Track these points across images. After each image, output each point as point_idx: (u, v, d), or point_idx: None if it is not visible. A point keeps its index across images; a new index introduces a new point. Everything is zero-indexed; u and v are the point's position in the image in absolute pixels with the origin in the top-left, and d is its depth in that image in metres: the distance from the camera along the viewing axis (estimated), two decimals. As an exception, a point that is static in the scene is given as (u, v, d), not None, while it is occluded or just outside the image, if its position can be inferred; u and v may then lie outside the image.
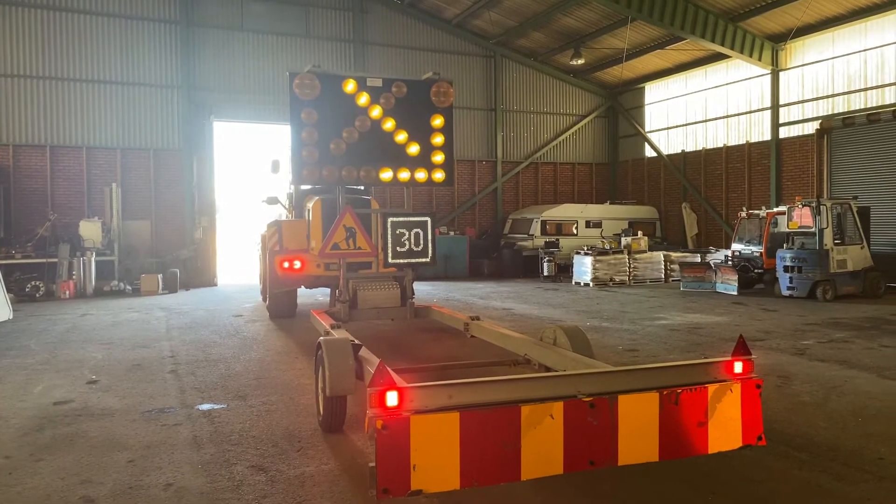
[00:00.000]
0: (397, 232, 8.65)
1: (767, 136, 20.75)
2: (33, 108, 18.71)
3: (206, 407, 6.35)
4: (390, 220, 8.64)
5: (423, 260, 8.73)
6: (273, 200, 14.76)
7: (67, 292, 16.85)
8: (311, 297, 15.70)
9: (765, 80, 20.74)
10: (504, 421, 3.53)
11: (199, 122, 20.17)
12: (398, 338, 10.17)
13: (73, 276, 17.20)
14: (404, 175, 8.80)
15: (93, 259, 17.46)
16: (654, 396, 3.82)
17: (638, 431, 3.78)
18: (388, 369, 3.54)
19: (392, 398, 3.41)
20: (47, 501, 4.21)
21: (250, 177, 23.72)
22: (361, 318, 8.99)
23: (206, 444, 5.24)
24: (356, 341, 5.76)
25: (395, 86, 8.76)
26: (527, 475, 3.57)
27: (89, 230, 17.92)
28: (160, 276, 17.92)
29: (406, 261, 8.66)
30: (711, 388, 3.95)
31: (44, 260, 17.36)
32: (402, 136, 8.78)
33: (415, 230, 8.77)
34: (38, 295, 16.66)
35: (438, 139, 8.96)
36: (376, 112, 8.64)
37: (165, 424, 5.80)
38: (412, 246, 8.73)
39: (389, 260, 8.54)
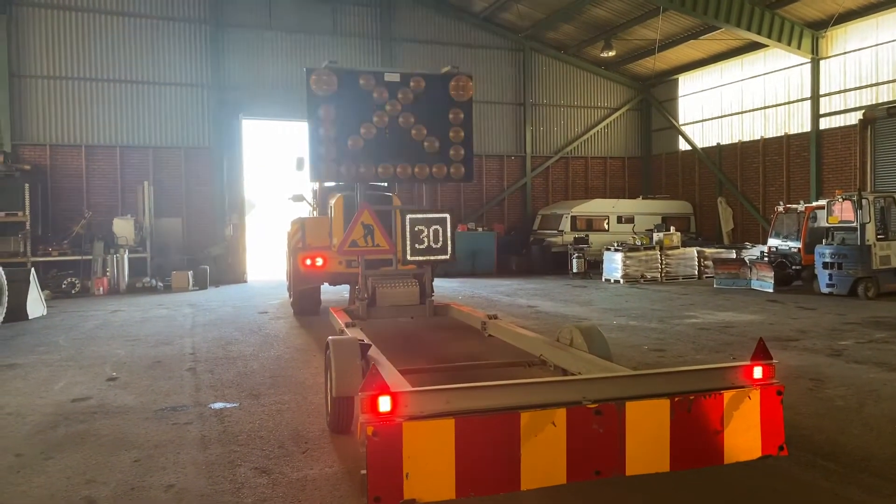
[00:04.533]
0: (416, 229, 8.51)
1: (807, 128, 20.01)
2: (69, 109, 19.14)
3: (218, 406, 6.33)
4: (408, 216, 8.51)
5: (443, 257, 8.59)
6: (299, 198, 14.77)
7: (101, 289, 17.21)
8: (338, 293, 15.70)
9: (804, 69, 19.99)
10: (502, 428, 3.37)
11: (228, 120, 20.39)
12: (416, 336, 10.06)
13: (107, 273, 17.56)
14: (423, 171, 8.69)
15: (125, 256, 17.80)
16: (664, 403, 3.61)
17: (647, 440, 3.58)
18: (381, 373, 3.41)
19: (384, 403, 3.27)
20: (50, 501, 4.20)
21: (279, 174, 23.90)
22: (380, 315, 8.88)
23: (214, 444, 5.20)
24: (365, 341, 5.66)
25: (414, 80, 8.63)
26: (527, 485, 3.40)
27: (122, 228, 18.27)
28: (190, 272, 18.16)
29: (425, 258, 8.52)
30: (727, 394, 3.72)
31: (79, 257, 17.79)
32: (420, 132, 8.65)
33: (434, 227, 8.62)
34: (73, 291, 17.06)
35: (458, 134, 8.82)
36: (394, 107, 8.53)
37: (176, 423, 5.79)
38: (431, 243, 8.59)
39: (408, 257, 8.42)
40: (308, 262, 11.35)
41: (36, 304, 12.90)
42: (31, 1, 18.70)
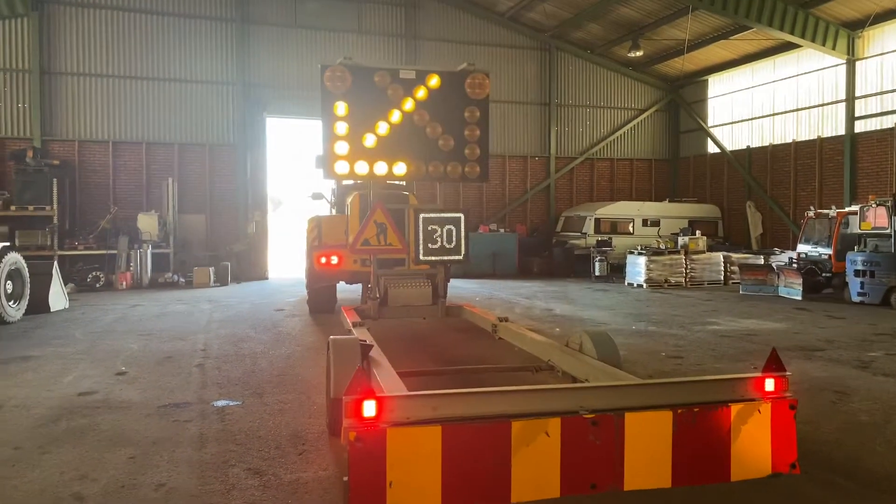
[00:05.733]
0: (429, 228, 8.41)
1: (841, 131, 19.40)
2: (97, 106, 19.43)
3: (221, 403, 6.27)
4: (422, 216, 8.41)
5: (456, 257, 8.47)
6: (318, 196, 14.73)
7: (125, 283, 17.42)
8: (356, 292, 15.63)
9: (839, 70, 19.39)
10: (492, 437, 3.21)
11: (252, 117, 20.50)
12: (428, 337, 9.92)
13: (131, 268, 17.77)
14: (437, 169, 8.55)
15: (149, 251, 18.00)
16: (666, 415, 3.42)
17: (647, 454, 3.39)
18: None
19: (369, 408, 3.14)
20: (40, 496, 4.17)
21: (303, 171, 24.02)
22: (392, 315, 8.78)
23: (211, 443, 5.12)
24: (367, 341, 5.53)
25: (429, 77, 8.51)
26: (517, 497, 3.24)
27: (146, 223, 18.48)
28: (212, 269, 18.29)
29: (438, 258, 8.41)
30: (735, 407, 3.50)
31: (104, 251, 18.05)
32: (435, 130, 8.52)
33: (447, 227, 8.52)
34: (98, 285, 17.29)
35: (473, 132, 8.66)
36: (409, 105, 8.40)
37: (177, 420, 5.74)
38: (444, 243, 8.48)
39: (421, 257, 8.32)
40: (323, 260, 11.30)
41: (58, 296, 13.07)
42: (62, -1, 19.06)
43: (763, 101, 22.25)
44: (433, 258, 8.40)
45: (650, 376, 7.43)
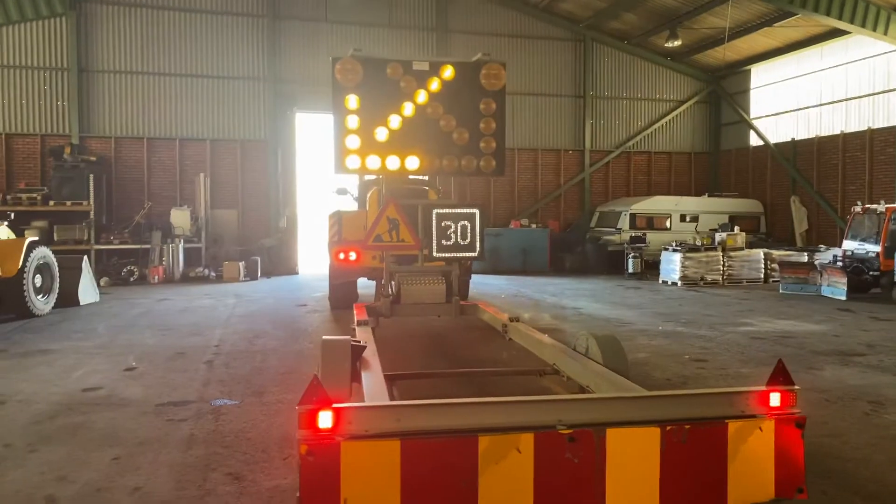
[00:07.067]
0: (443, 224, 8.20)
1: (894, 122, 18.36)
2: (133, 103, 19.76)
3: (219, 402, 6.16)
4: (435, 211, 8.20)
5: (470, 254, 8.23)
6: (343, 191, 14.70)
7: (157, 277, 17.69)
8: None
9: (892, 57, 18.34)
10: (456, 453, 2.96)
11: (283, 113, 20.57)
12: (441, 336, 9.67)
13: (163, 262, 18.03)
14: (451, 163, 8.31)
15: (181, 246, 18.24)
16: (653, 432, 3.11)
17: (632, 474, 3.09)
18: (321, 385, 3.04)
19: (325, 419, 2.92)
20: (14, 498, 4.10)
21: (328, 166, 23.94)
22: (404, 313, 8.57)
23: (198, 445, 5.00)
24: (361, 342, 5.34)
25: (443, 69, 8.28)
26: (485, 519, 2.98)
27: (179, 218, 18.74)
28: (242, 263, 18.40)
29: (451, 254, 8.19)
30: (733, 424, 3.18)
31: (138, 246, 18.38)
32: (449, 122, 8.27)
33: (461, 223, 8.29)
34: (132, 279, 17.62)
35: (489, 125, 8.38)
36: (422, 97, 8.18)
37: (171, 420, 5.65)
38: (458, 239, 8.26)
39: (434, 254, 8.12)
40: (342, 255, 11.17)
41: (88, 290, 13.30)
42: (98, -2, 19.42)
43: (809, 91, 21.24)
44: (447, 255, 8.18)
45: (668, 380, 7.06)
